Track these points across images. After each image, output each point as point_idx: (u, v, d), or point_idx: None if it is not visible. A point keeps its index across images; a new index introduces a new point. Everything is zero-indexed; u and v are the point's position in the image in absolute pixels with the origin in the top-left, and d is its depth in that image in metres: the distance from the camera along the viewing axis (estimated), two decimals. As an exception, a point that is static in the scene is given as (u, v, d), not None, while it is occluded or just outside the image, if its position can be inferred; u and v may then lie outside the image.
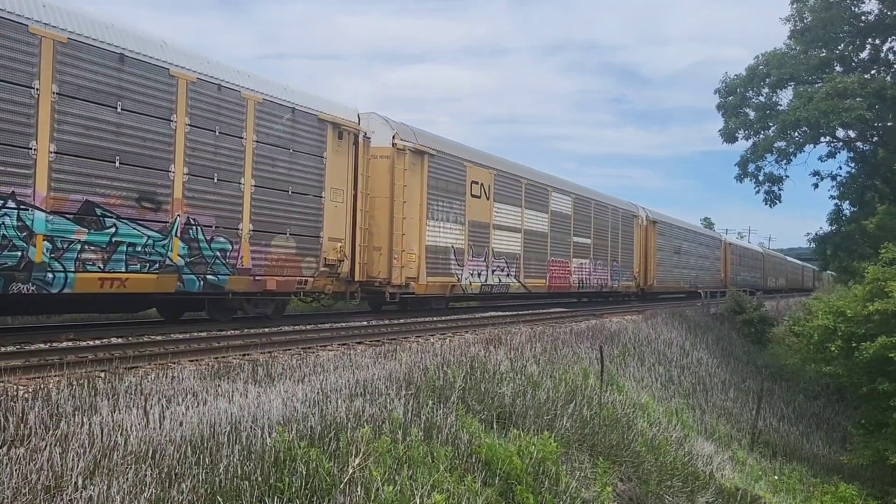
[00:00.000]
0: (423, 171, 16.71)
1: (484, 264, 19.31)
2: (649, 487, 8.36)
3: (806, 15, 30.35)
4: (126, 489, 4.14)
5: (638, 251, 31.35)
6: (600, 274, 27.23)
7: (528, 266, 21.71)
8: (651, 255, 32.42)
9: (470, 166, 18.81)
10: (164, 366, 8.14)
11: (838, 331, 19.55)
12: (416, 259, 16.47)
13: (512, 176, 21.22)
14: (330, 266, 13.93)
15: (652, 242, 32.58)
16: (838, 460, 18.60)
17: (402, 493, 5.08)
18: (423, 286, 16.76)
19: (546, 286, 22.83)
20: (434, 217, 17.14)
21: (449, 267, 17.74)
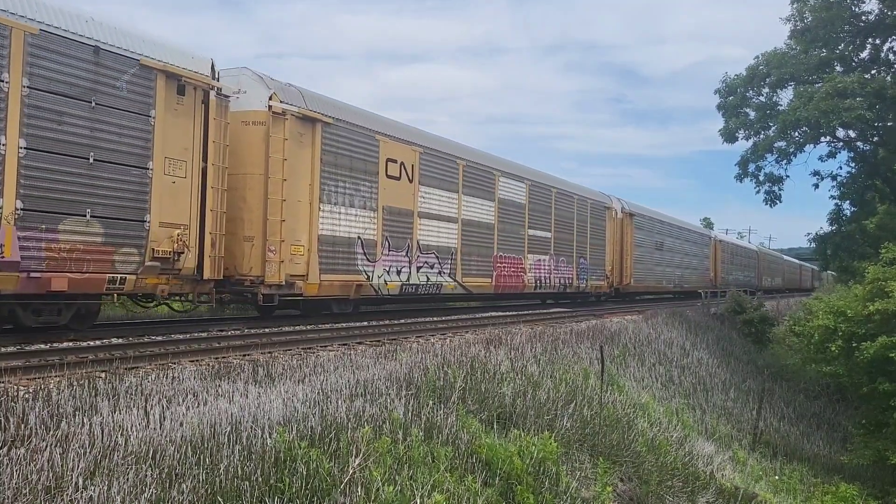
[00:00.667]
0: (314, 143, 13.61)
1: (406, 260, 16.19)
2: (650, 487, 8.35)
3: (806, 15, 30.33)
4: (126, 489, 4.14)
5: (611, 247, 28.56)
6: (563, 272, 24.20)
7: (469, 262, 18.66)
8: (628, 252, 29.71)
9: (385, 141, 15.62)
10: (164, 366, 8.15)
11: (839, 331, 19.57)
12: (305, 252, 13.43)
13: (444, 155, 17.94)
14: (162, 260, 10.62)
15: (629, 237, 29.83)
16: (839, 460, 18.61)
17: (403, 493, 5.08)
18: (314, 286, 13.61)
19: (492, 286, 19.78)
20: (331, 201, 14.05)
21: (354, 262, 14.64)
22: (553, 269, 23.54)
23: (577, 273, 25.30)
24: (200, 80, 11.24)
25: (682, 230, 38.80)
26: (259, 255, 12.69)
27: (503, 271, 20.39)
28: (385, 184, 15.60)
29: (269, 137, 12.83)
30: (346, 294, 14.71)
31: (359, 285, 14.84)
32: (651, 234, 32.91)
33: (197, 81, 11.18)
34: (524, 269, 21.64)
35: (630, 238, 29.99)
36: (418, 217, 16.77)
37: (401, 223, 16.19)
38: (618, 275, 29.18)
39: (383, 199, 15.58)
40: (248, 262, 12.69)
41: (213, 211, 11.50)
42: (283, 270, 12.86)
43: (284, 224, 12.85)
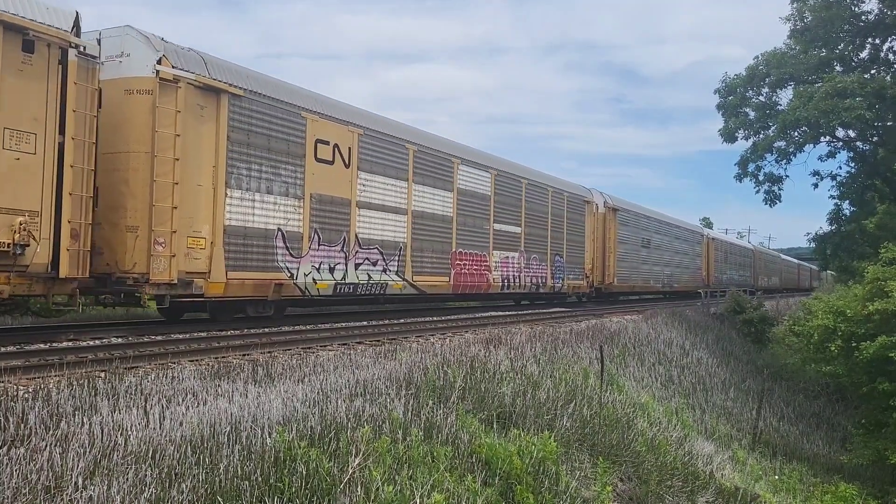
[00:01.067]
0: (219, 118, 11.70)
1: (341, 255, 14.36)
2: (649, 487, 8.35)
3: (806, 14, 30.33)
4: (126, 489, 4.14)
5: (592, 244, 26.80)
6: (536, 271, 22.37)
7: (421, 259, 16.80)
8: (611, 250, 27.98)
9: (314, 119, 13.73)
10: (164, 366, 8.15)
11: (838, 330, 19.58)
12: (207, 246, 11.51)
13: (390, 139, 15.99)
14: None
15: (612, 234, 28.11)
16: (838, 460, 18.61)
17: (402, 493, 5.08)
18: (218, 285, 11.65)
19: (450, 285, 17.91)
20: (243, 186, 12.18)
21: (273, 258, 12.83)
22: (524, 268, 21.71)
23: (552, 272, 23.52)
24: (56, 35, 9.21)
25: (671, 227, 36.83)
26: (144, 248, 10.66)
27: (464, 269, 18.51)
28: (314, 168, 13.68)
29: (157, 109, 10.80)
30: (262, 294, 12.75)
31: (279, 284, 12.91)
32: (637, 230, 31.17)
33: (51, 37, 9.16)
34: (489, 267, 19.78)
35: (613, 235, 28.32)
36: (357, 207, 14.83)
37: (335, 214, 14.27)
38: (599, 274, 27.55)
39: (311, 185, 13.65)
40: (130, 258, 10.66)
41: (74, 195, 9.48)
42: (176, 267, 10.85)
43: (177, 212, 10.89)
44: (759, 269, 57.78)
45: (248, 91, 12.42)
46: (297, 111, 13.49)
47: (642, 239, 31.78)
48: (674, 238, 36.86)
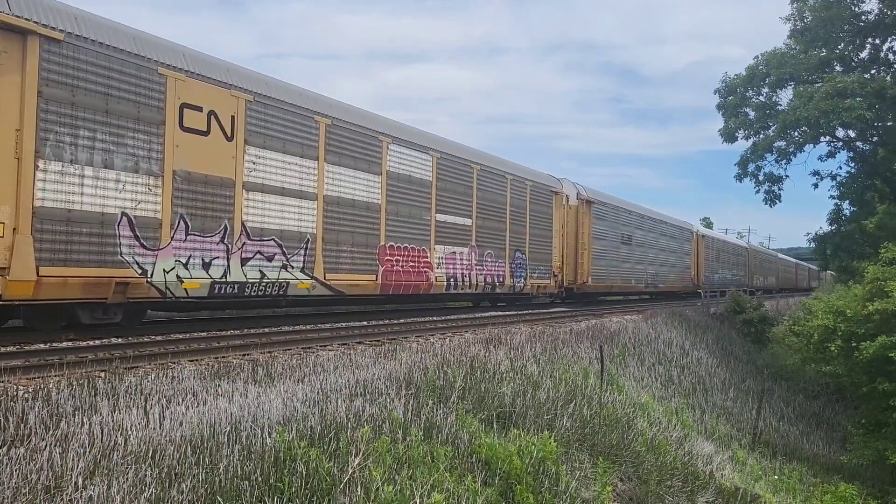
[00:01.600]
0: (25, 68, 9.18)
1: (220, 248, 11.75)
2: (649, 487, 8.36)
3: (806, 14, 30.33)
4: (126, 489, 4.14)
5: (562, 240, 24.35)
6: (491, 268, 20.00)
7: (337, 254, 14.28)
8: (584, 246, 25.67)
9: (178, 78, 11.15)
10: (164, 366, 8.15)
11: (838, 330, 19.59)
12: (8, 233, 9.02)
13: (291, 109, 13.29)
14: None
15: (586, 229, 25.73)
16: (838, 460, 18.61)
17: (402, 492, 5.08)
18: (24, 285, 9.09)
19: (377, 284, 15.33)
20: (65, 157, 9.62)
21: (113, 249, 10.21)
22: (475, 265, 19.26)
23: (511, 270, 21.03)
24: None
25: (655, 222, 34.22)
26: None
27: (396, 266, 15.98)
28: (179, 139, 11.20)
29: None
30: (100, 296, 10.13)
31: (123, 283, 10.32)
32: (616, 225, 28.88)
33: None
34: (430, 264, 17.23)
35: (587, 230, 25.87)
36: (245, 190, 12.24)
37: (211, 197, 11.63)
38: (571, 272, 25.23)
39: (176, 160, 11.12)
40: None
41: None
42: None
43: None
44: (755, 269, 55.66)
45: (73, 36, 9.75)
46: (150, 66, 10.78)
47: (622, 235, 29.54)
48: (659, 234, 34.48)
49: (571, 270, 25.32)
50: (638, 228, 31.63)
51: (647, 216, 33.28)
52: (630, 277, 30.50)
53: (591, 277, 26.12)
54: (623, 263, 29.63)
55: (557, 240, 24.20)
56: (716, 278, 43.34)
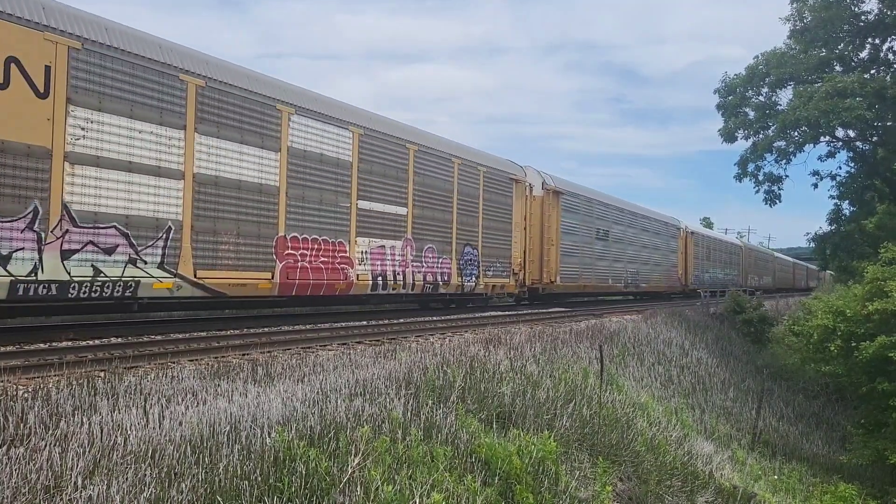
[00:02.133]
0: None
1: (27, 237, 9.19)
2: (649, 487, 8.36)
3: (805, 14, 30.34)
4: (126, 489, 4.14)
5: (524, 233, 21.89)
6: (433, 265, 17.34)
7: (214, 246, 11.82)
8: (552, 241, 23.29)
9: None
10: (163, 365, 8.15)
11: (838, 330, 19.60)
12: None
13: (142, 65, 10.72)
14: None
15: (553, 222, 23.40)
16: (838, 460, 18.62)
17: (402, 492, 5.08)
18: None
19: (273, 284, 12.89)
20: None
21: None
22: (412, 261, 16.59)
23: (458, 267, 18.44)
24: None
25: (637, 217, 31.76)
26: None
27: (301, 262, 13.51)
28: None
29: None
30: None
31: None
32: (589, 219, 26.45)
33: None
34: (350, 260, 14.56)
35: (555, 223, 23.48)
36: (68, 162, 9.68)
37: (10, 170, 9.06)
38: (536, 270, 22.65)
39: None
40: None
41: None
42: None
43: None
44: (749, 268, 53.22)
45: None
46: None
47: (597, 230, 27.15)
48: (641, 230, 32.00)
49: (536, 268, 22.66)
50: (616, 223, 29.29)
51: (626, 210, 30.83)
52: (607, 276, 28.09)
53: (559, 276, 23.56)
54: (599, 261, 27.31)
55: (518, 234, 21.54)
56: (706, 278, 41.03)
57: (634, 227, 31.46)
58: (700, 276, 39.83)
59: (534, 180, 23.03)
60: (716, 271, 43.61)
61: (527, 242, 22.22)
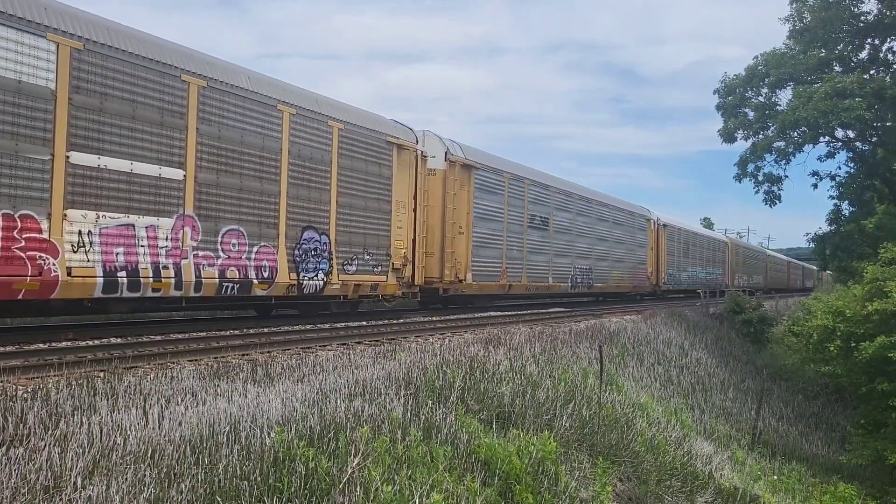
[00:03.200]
0: None
1: None
2: (648, 487, 8.36)
3: (805, 15, 30.38)
4: (125, 489, 4.14)
5: (411, 216, 16.85)
6: (237, 255, 12.27)
7: None
8: (460, 228, 18.30)
9: None
10: (163, 366, 8.14)
11: (837, 331, 19.61)
12: None
13: None
14: None
15: (462, 204, 18.38)
16: (837, 460, 18.62)
17: (402, 492, 5.08)
18: None
19: None
20: None
21: None
22: (194, 249, 11.50)
23: (292, 258, 13.37)
24: None
25: (590, 203, 26.49)
26: None
27: None
28: None
29: None
30: None
31: None
32: (519, 202, 21.34)
33: None
34: (47, 245, 9.44)
35: (466, 206, 18.51)
36: None
37: None
38: (436, 265, 17.80)
39: None
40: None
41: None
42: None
43: None
44: (737, 266, 48.75)
45: None
46: None
47: (531, 216, 22.10)
48: (596, 220, 26.92)
49: (435, 263, 17.70)
50: (561, 209, 24.14)
51: (576, 195, 25.47)
52: (545, 274, 22.76)
53: (470, 273, 18.59)
54: (533, 256, 22.06)
55: (403, 216, 16.44)
56: (683, 277, 36.35)
57: (587, 216, 26.18)
58: (675, 275, 34.94)
59: (432, 149, 17.82)
60: (696, 270, 38.58)
61: (419, 229, 17.01)
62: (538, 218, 22.75)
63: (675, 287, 35.23)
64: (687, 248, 37.74)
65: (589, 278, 26.33)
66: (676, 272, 35.55)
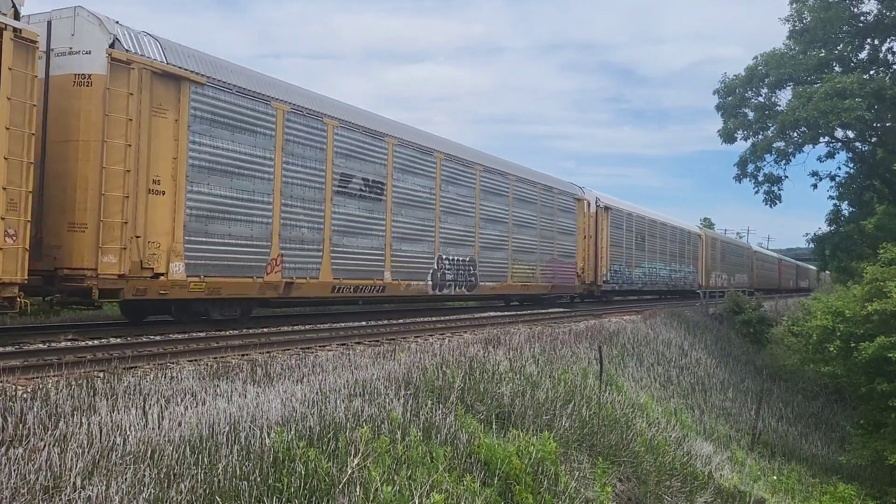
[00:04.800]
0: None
1: None
2: (648, 487, 8.36)
3: (805, 15, 30.38)
4: (125, 489, 4.14)
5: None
6: None
7: None
8: (157, 184, 10.72)
9: None
10: (162, 366, 8.14)
11: (837, 331, 19.61)
12: None
13: None
14: None
15: (163, 145, 10.78)
16: (837, 460, 18.63)
17: (401, 493, 5.07)
18: None
19: None
20: None
21: None
22: None
23: None
24: None
25: (470, 169, 19.02)
26: None
27: None
28: None
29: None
30: None
31: None
32: (318, 152, 13.79)
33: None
34: None
35: (168, 145, 10.96)
36: None
37: None
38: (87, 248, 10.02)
39: None
40: None
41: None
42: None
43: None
44: (714, 263, 41.77)
45: None
46: None
47: (345, 177, 14.48)
48: (485, 192, 19.54)
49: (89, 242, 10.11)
50: (411, 173, 16.65)
51: (441, 152, 17.76)
52: (375, 267, 15.19)
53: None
54: (348, 237, 14.43)
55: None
56: (636, 275, 29.45)
57: (465, 186, 18.65)
58: (623, 273, 27.86)
59: (74, 38, 10.35)
60: (655, 266, 31.63)
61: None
62: (359, 181, 14.85)
63: (624, 287, 28.06)
64: (642, 238, 30.43)
65: (461, 274, 18.31)
66: (625, 269, 28.13)
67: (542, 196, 23.03)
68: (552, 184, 24.20)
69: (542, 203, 23.05)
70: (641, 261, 30.40)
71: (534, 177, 23.13)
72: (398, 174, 16.21)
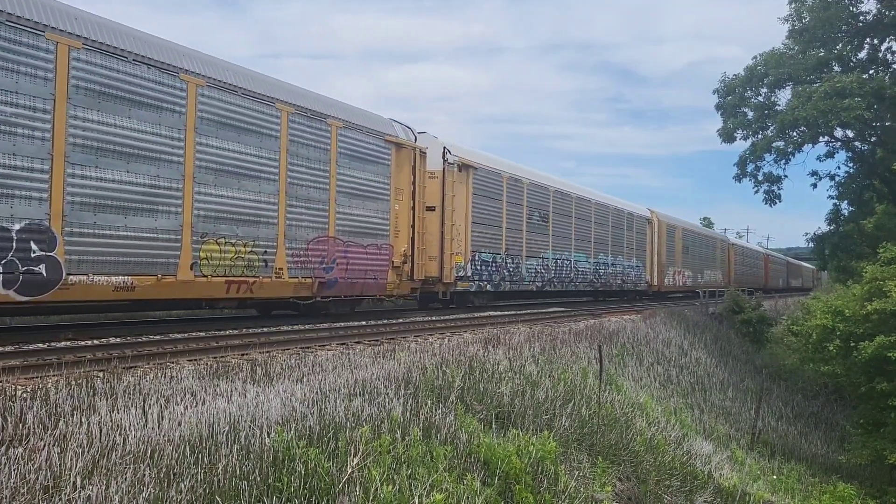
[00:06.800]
0: None
1: None
2: (648, 487, 8.36)
3: (804, 15, 30.41)
4: (124, 489, 4.13)
5: None
6: None
7: None
8: None
9: None
10: (162, 365, 8.13)
11: (837, 330, 19.62)
12: None
13: None
14: None
15: None
16: (837, 460, 18.63)
17: (401, 492, 5.07)
18: None
19: None
20: None
21: None
22: None
23: None
24: None
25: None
26: None
27: None
28: None
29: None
30: None
31: None
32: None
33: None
34: None
35: None
36: None
37: None
38: None
39: None
40: None
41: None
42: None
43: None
44: (671, 256, 34.20)
45: None
46: None
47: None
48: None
49: None
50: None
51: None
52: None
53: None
54: None
55: None
56: (530, 268, 21.54)
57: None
58: (499, 264, 19.85)
59: None
60: (565, 257, 23.68)
61: None
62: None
63: (505, 286, 20.18)
64: (542, 217, 22.14)
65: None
66: (505, 259, 20.01)
67: (358, 144, 14.75)
68: (322, 108, 13.99)
69: (363, 158, 14.93)
70: (541, 249, 22.11)
71: (369, 121, 15.30)
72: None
